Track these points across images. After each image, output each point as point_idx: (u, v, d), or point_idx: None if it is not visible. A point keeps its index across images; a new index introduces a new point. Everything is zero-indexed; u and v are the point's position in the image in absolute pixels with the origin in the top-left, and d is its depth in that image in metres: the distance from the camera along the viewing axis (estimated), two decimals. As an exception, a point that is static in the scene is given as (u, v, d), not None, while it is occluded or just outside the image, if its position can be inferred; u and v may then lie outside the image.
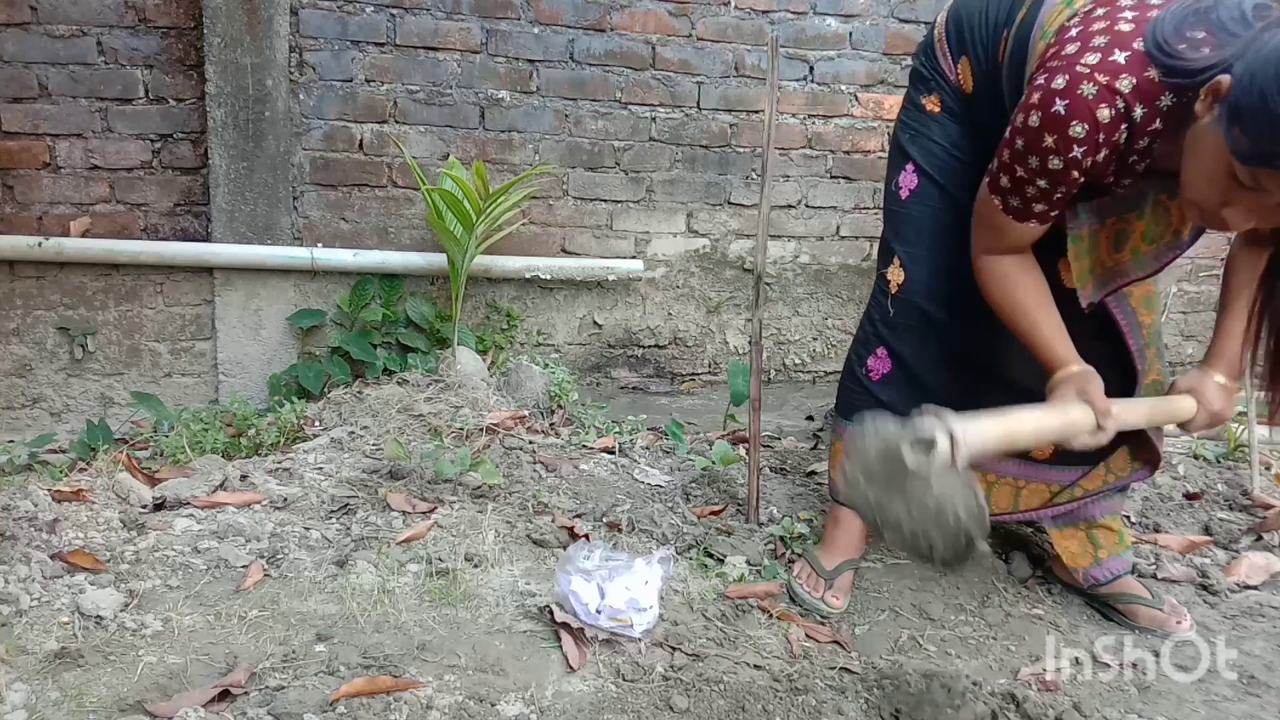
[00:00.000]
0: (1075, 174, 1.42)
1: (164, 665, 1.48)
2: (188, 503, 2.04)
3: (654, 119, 3.24)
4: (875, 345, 1.91)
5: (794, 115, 3.37)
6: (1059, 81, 1.37)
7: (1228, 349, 1.67)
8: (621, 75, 3.19)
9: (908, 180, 1.83)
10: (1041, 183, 1.45)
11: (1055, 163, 1.41)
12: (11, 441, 2.69)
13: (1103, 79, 1.35)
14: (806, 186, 3.44)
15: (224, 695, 1.40)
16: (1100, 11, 1.43)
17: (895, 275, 1.85)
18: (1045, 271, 1.62)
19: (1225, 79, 1.25)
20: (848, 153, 3.44)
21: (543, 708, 1.46)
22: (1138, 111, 1.36)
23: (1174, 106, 1.35)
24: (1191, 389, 1.66)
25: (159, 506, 2.04)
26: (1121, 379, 1.80)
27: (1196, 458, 2.70)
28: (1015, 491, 1.94)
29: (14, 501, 1.85)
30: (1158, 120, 1.36)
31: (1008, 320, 1.62)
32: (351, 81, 2.96)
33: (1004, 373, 1.84)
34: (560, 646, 1.61)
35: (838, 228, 3.51)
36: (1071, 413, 1.48)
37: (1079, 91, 1.35)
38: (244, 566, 1.79)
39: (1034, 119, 1.40)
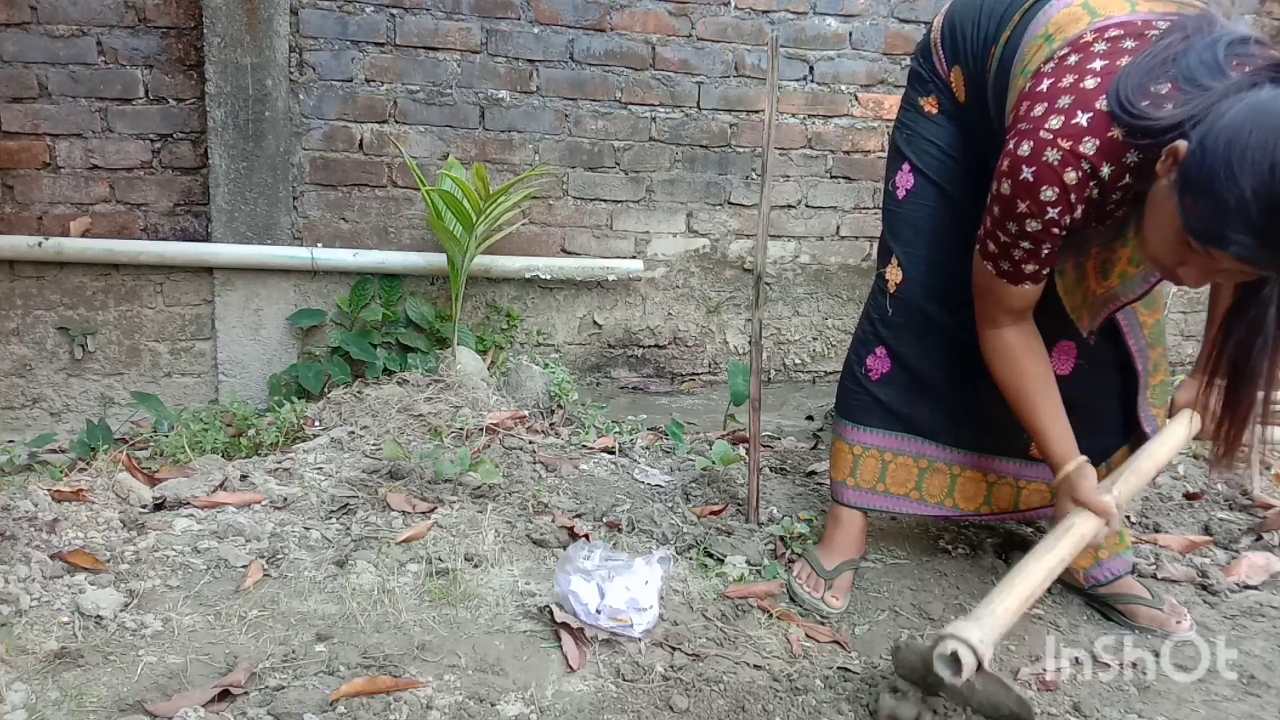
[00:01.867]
0: (1056, 231, 1.43)
1: (164, 665, 1.48)
2: (188, 503, 2.04)
3: (654, 119, 3.24)
4: (874, 345, 1.91)
5: (794, 115, 3.37)
6: (1024, 148, 1.39)
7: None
8: (621, 75, 3.19)
9: (904, 180, 1.83)
10: (1025, 244, 1.47)
11: (1033, 225, 1.43)
12: (11, 441, 2.69)
13: (1066, 144, 1.36)
14: (806, 186, 3.44)
15: (224, 695, 1.40)
16: (1073, 60, 1.43)
17: (893, 275, 1.85)
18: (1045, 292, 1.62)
19: (1182, 145, 1.24)
20: (848, 153, 3.44)
21: (543, 708, 1.46)
22: (1104, 170, 1.36)
23: (1141, 161, 1.35)
24: (1190, 401, 1.71)
25: (159, 506, 2.05)
26: (1124, 379, 1.80)
27: (1196, 458, 2.70)
28: (1016, 491, 1.94)
29: (14, 501, 1.85)
30: (1126, 175, 1.37)
31: (1011, 403, 1.66)
32: (351, 81, 2.96)
33: None
34: (560, 646, 1.61)
35: (838, 228, 3.51)
36: (1080, 530, 1.55)
37: (1044, 159, 1.37)
38: (244, 566, 1.79)
39: (1005, 187, 1.43)
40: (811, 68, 3.35)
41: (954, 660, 1.35)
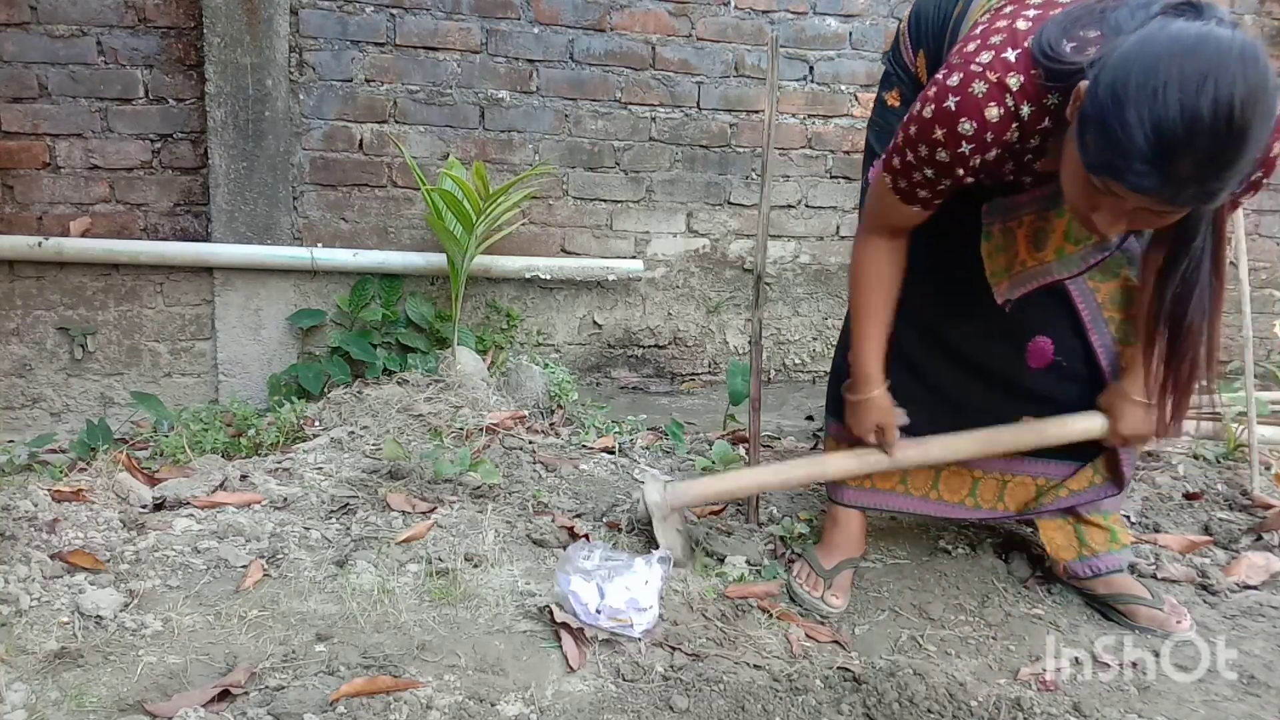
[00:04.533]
0: (961, 171, 1.44)
1: (164, 665, 1.48)
2: (188, 503, 2.04)
3: (654, 119, 3.24)
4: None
5: (794, 115, 3.37)
6: (954, 79, 1.39)
7: (1141, 364, 1.68)
8: (621, 75, 3.19)
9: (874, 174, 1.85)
10: (928, 171, 1.46)
11: (942, 155, 1.43)
12: (11, 441, 2.69)
13: (993, 76, 1.36)
14: (806, 186, 3.44)
15: (224, 695, 1.40)
16: (1009, 8, 1.45)
17: None
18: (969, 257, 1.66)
19: (1083, 85, 1.25)
20: (848, 153, 3.44)
21: (543, 708, 1.46)
22: (1024, 110, 1.36)
23: (1060, 105, 1.35)
24: (1108, 406, 1.72)
25: (159, 506, 2.05)
26: (1090, 373, 1.79)
27: (1196, 458, 2.70)
28: (1001, 485, 1.92)
29: (14, 501, 1.85)
30: (1047, 119, 1.37)
31: (852, 307, 1.73)
32: (351, 81, 2.96)
33: (982, 364, 1.82)
34: (560, 646, 1.61)
35: (838, 227, 3.51)
36: (825, 463, 1.89)
37: (970, 89, 1.37)
38: (244, 566, 1.79)
39: (927, 111, 1.42)
40: (811, 68, 3.35)
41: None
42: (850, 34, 3.35)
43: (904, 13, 3.31)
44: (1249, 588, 2.03)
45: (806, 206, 3.46)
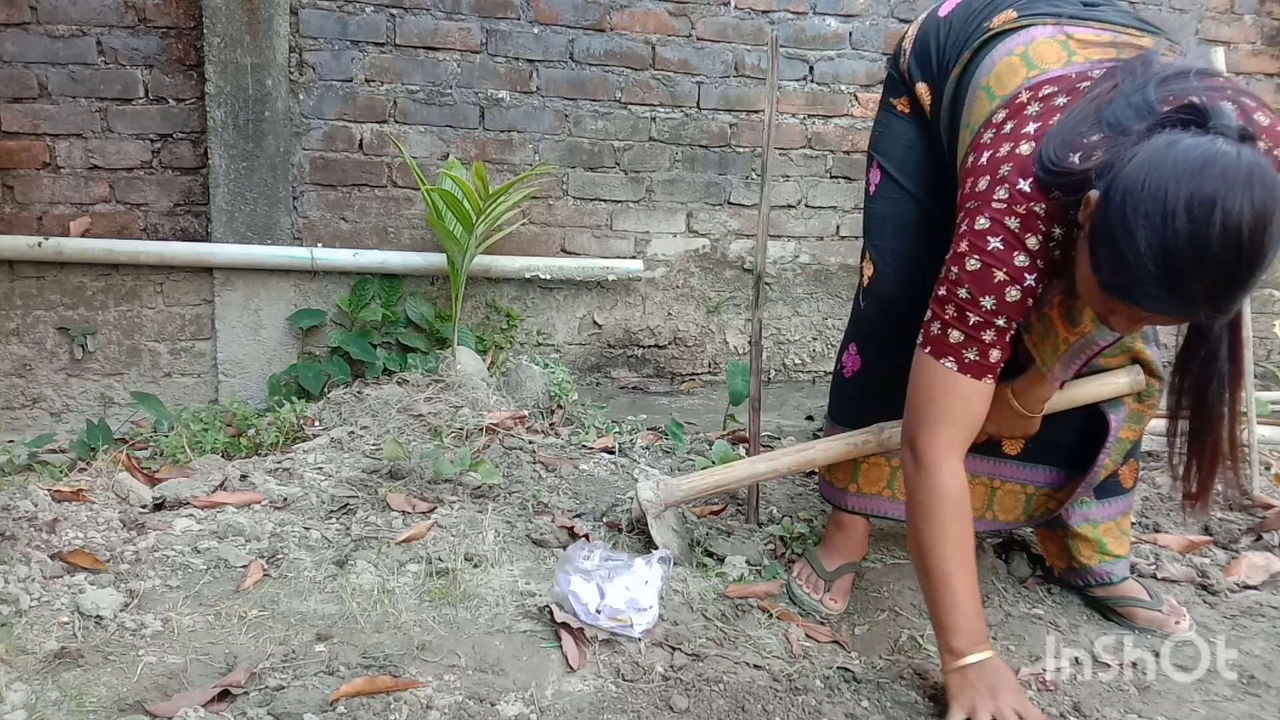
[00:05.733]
0: (1030, 302, 1.41)
1: (164, 665, 1.48)
2: (188, 503, 2.04)
3: (654, 119, 3.24)
4: (849, 341, 1.93)
5: (794, 115, 3.37)
6: (982, 222, 1.38)
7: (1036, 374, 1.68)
8: (621, 75, 3.19)
9: (874, 176, 1.86)
10: (1000, 321, 1.41)
11: (1014, 293, 1.39)
12: (11, 441, 2.69)
13: (1020, 209, 1.35)
14: (806, 186, 3.44)
15: (224, 695, 1.40)
16: (1009, 127, 1.42)
17: (867, 269, 1.87)
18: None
19: (1094, 195, 1.23)
20: (848, 153, 3.44)
21: (543, 708, 1.46)
22: (1057, 231, 1.36)
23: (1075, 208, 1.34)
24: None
25: (159, 506, 2.05)
26: (1090, 415, 1.79)
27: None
28: (990, 491, 1.90)
29: (14, 501, 1.85)
30: (1077, 231, 1.36)
31: (929, 563, 1.49)
32: (351, 81, 2.96)
33: None
34: (560, 646, 1.60)
35: (838, 228, 3.51)
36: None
37: (1006, 224, 1.36)
38: (244, 566, 1.79)
39: (972, 263, 1.39)
40: (811, 68, 3.35)
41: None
42: (850, 34, 3.35)
43: (904, 13, 3.35)
44: (1249, 588, 2.03)
45: (806, 206, 3.46)
